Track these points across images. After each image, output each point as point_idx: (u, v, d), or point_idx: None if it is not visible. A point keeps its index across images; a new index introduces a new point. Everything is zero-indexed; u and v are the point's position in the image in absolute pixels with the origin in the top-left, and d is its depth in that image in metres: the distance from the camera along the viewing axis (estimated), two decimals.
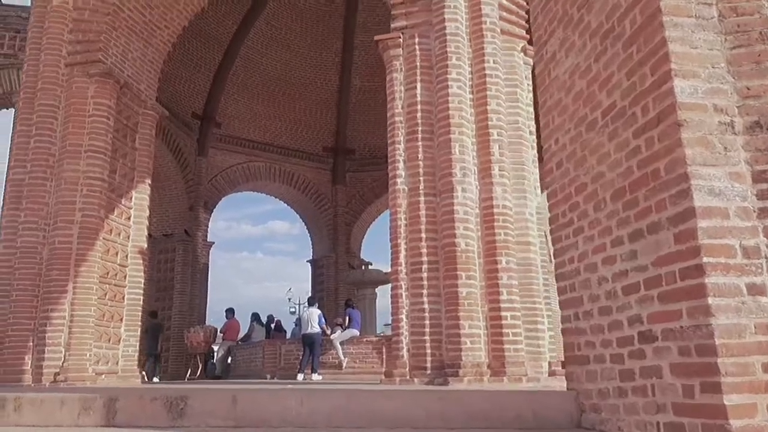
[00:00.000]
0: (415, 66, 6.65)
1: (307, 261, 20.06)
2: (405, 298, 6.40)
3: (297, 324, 14.29)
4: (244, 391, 3.66)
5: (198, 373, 13.83)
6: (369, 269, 14.39)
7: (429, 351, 6.20)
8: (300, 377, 11.07)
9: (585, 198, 3.17)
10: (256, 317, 14.98)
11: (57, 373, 7.49)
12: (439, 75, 6.50)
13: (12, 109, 10.20)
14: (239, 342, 14.47)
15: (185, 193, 16.84)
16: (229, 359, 14.63)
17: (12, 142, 8.65)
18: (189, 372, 14.00)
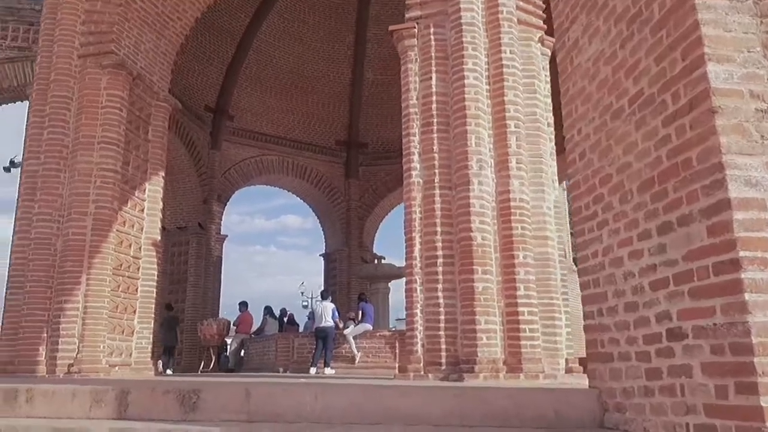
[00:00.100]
0: (430, 56, 6.51)
1: (320, 255, 20.05)
2: (419, 292, 6.30)
3: (310, 318, 14.26)
4: (258, 385, 3.59)
5: (211, 366, 13.86)
6: (382, 263, 14.32)
7: (444, 346, 6.11)
8: (312, 371, 11.03)
9: (610, 189, 3.06)
10: (269, 310, 14.96)
11: (71, 365, 7.52)
12: (455, 65, 6.37)
13: (27, 102, 10.21)
14: (252, 335, 14.47)
15: (199, 186, 16.86)
16: (242, 352, 14.63)
17: (26, 133, 8.67)
18: (202, 365, 14.04)
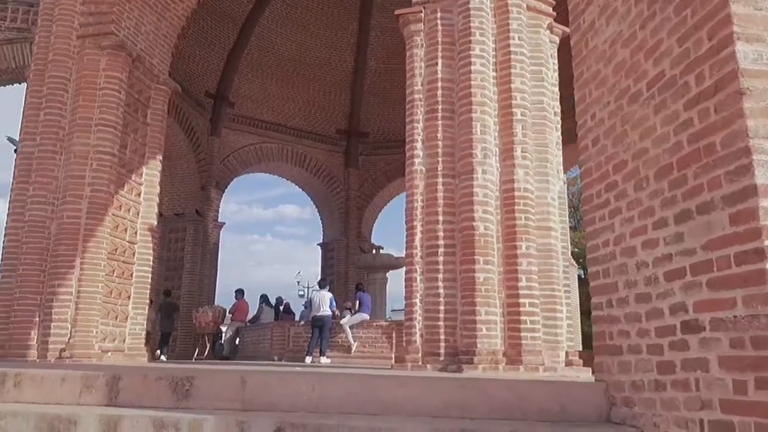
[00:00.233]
0: (437, 42, 6.37)
1: (318, 244, 19.93)
2: (419, 282, 6.20)
3: (306, 306, 14.17)
4: (253, 373, 3.49)
5: (206, 354, 13.77)
6: (380, 253, 14.21)
7: (443, 337, 6.02)
8: (308, 360, 10.95)
9: (624, 176, 2.94)
10: (265, 299, 14.87)
11: (63, 350, 7.40)
12: (462, 51, 6.23)
13: (25, 84, 10.05)
14: (248, 323, 14.38)
15: (197, 173, 16.71)
16: (237, 340, 14.55)
17: (22, 115, 8.51)
18: (196, 352, 13.95)
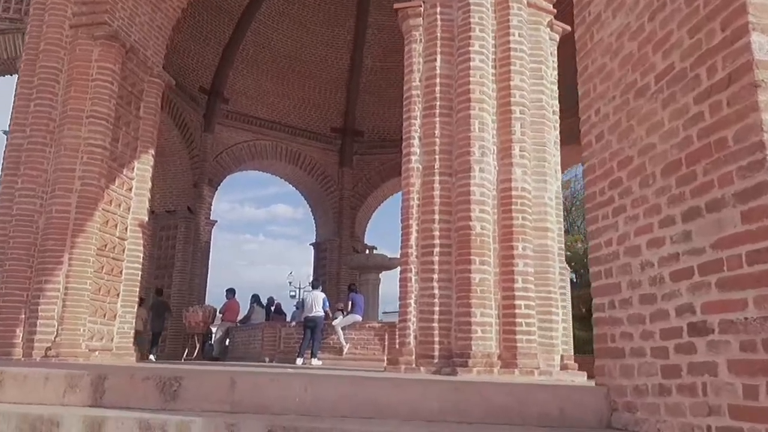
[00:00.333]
0: (436, 37, 6.27)
1: (310, 244, 19.80)
2: (414, 282, 6.10)
3: (298, 307, 14.03)
4: (243, 374, 3.38)
5: (195, 354, 13.60)
6: (374, 254, 14.08)
7: (437, 339, 5.92)
8: (299, 361, 10.81)
9: (629, 173, 2.85)
10: (256, 299, 14.71)
11: (48, 348, 7.23)
12: (461, 47, 6.13)
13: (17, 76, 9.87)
14: (238, 323, 14.22)
15: (190, 169, 16.54)
16: (227, 341, 14.38)
17: (13, 106, 8.35)
18: (186, 352, 13.78)
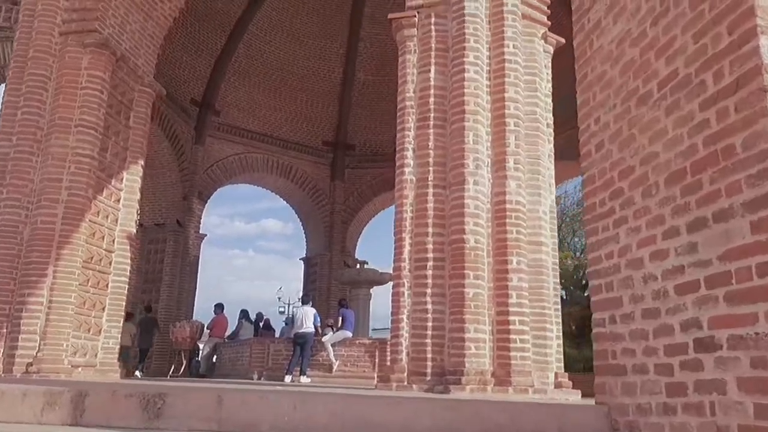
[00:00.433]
0: (430, 48, 6.21)
1: (300, 259, 19.63)
2: (407, 297, 5.96)
3: (287, 323, 13.83)
4: (231, 392, 3.24)
5: (182, 370, 13.33)
6: (365, 268, 13.92)
7: (430, 356, 5.77)
8: (288, 379, 10.60)
9: (631, 183, 2.77)
10: (245, 314, 14.49)
11: (30, 364, 6.99)
12: (455, 58, 6.06)
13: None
14: (226, 339, 13.98)
15: (180, 182, 16.37)
16: (215, 357, 14.13)
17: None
18: (172, 368, 13.50)
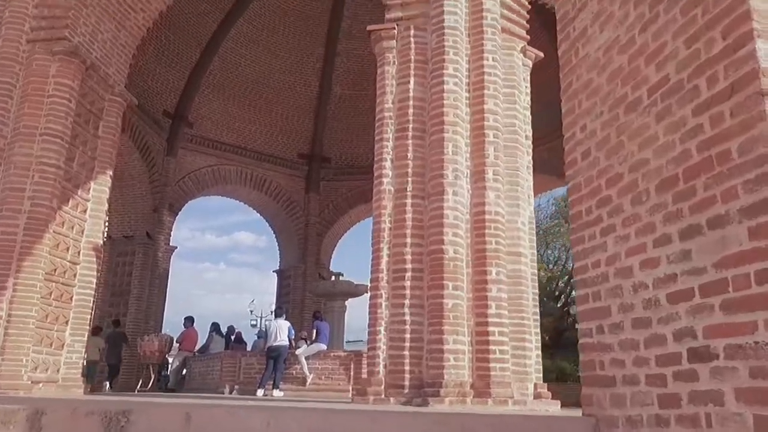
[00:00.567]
0: (409, 59, 6.18)
1: (274, 271, 19.35)
2: (385, 308, 5.85)
3: (260, 336, 13.55)
4: (200, 407, 3.08)
5: (150, 385, 12.93)
6: (340, 280, 13.76)
7: (408, 368, 5.66)
8: (260, 393, 10.35)
9: (620, 191, 2.72)
10: (215, 327, 14.18)
11: None
12: (435, 70, 6.05)
13: None
14: (196, 353, 13.64)
15: (150, 194, 16.04)
16: (185, 371, 13.76)
17: None
18: (140, 383, 13.09)
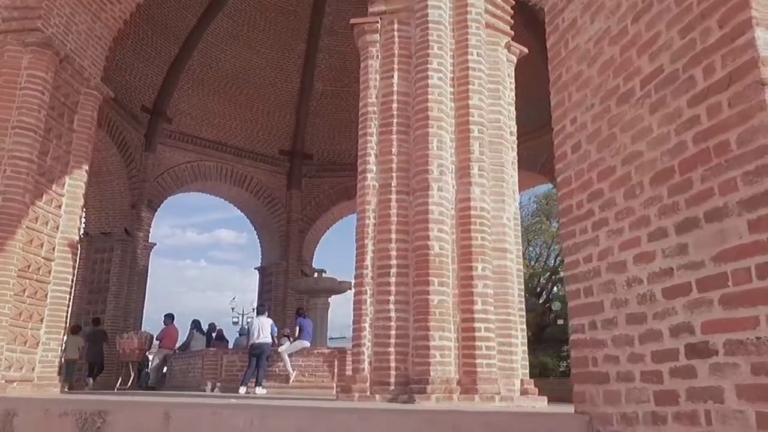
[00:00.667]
0: (393, 54, 6.09)
1: (255, 268, 19.16)
2: (369, 305, 5.78)
3: (242, 334, 13.39)
4: (179, 407, 2.97)
5: (129, 383, 12.72)
6: (323, 277, 13.65)
7: (393, 364, 5.60)
8: (242, 390, 10.23)
9: (612, 184, 2.67)
10: (196, 324, 14.00)
11: None
12: (419, 65, 5.97)
13: None
14: (177, 350, 13.45)
15: (128, 190, 15.77)
16: (165, 369, 13.56)
17: None
18: (119, 381, 12.87)
